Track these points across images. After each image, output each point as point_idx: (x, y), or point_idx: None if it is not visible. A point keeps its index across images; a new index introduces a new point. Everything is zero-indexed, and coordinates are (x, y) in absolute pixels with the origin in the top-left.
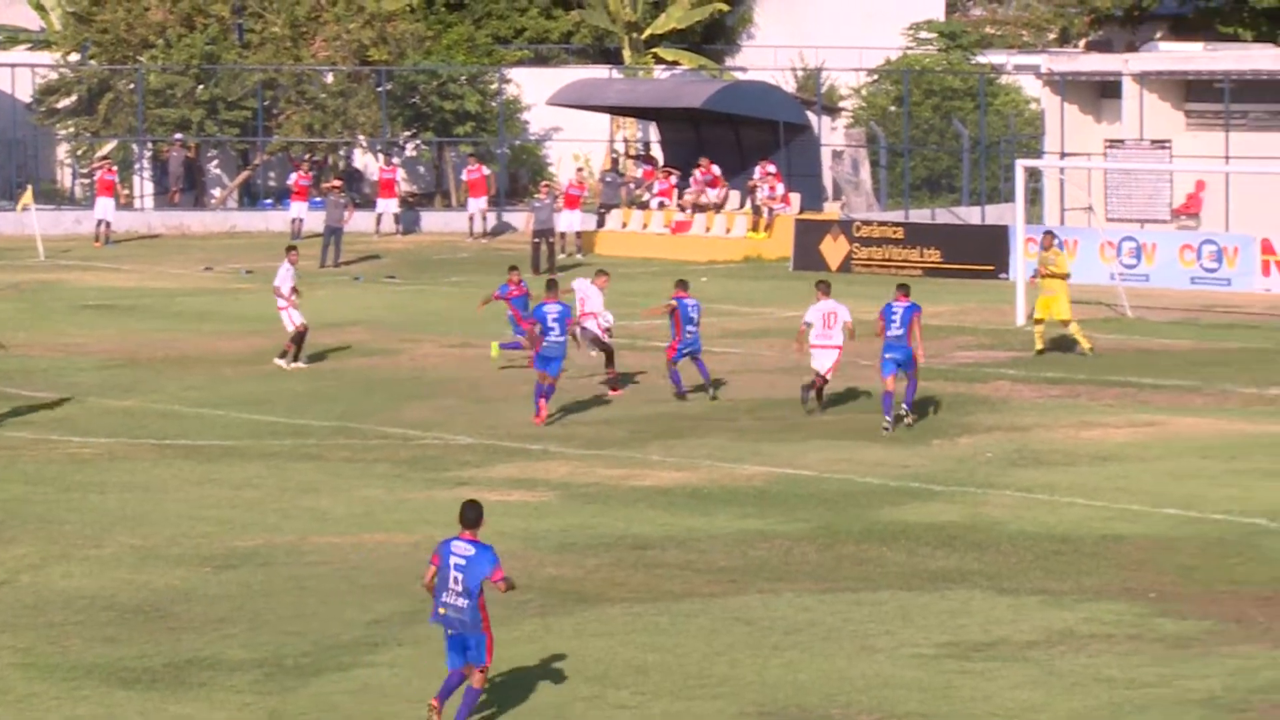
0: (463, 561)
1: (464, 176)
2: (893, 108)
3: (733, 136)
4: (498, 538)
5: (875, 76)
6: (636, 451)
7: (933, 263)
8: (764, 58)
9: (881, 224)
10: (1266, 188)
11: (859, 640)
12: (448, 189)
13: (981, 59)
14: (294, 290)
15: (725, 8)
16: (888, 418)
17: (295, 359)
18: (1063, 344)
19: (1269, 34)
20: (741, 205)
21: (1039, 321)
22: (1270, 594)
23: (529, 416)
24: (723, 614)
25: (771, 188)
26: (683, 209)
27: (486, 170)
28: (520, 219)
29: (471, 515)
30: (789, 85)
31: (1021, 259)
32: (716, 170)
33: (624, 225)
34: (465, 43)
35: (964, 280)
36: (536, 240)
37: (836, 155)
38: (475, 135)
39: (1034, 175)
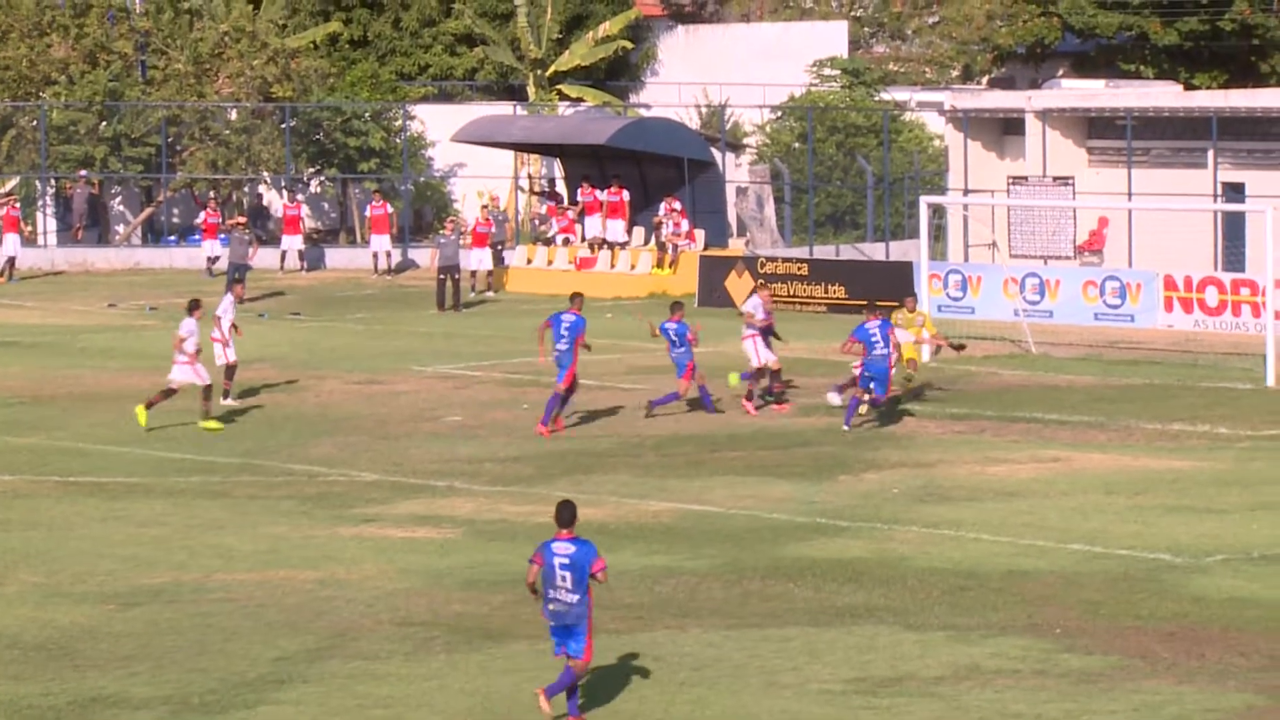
0: (567, 560)
1: (367, 213)
2: (797, 144)
3: (637, 173)
4: (402, 575)
5: (779, 113)
6: (543, 488)
7: (837, 299)
8: (668, 94)
9: (786, 260)
10: (1168, 224)
11: (766, 676)
12: (352, 226)
13: (885, 95)
14: (233, 326)
15: (629, 45)
16: (849, 422)
17: (225, 395)
18: (959, 380)
19: (1170, 71)
20: (646, 242)
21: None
22: (1174, 629)
23: (434, 453)
24: (630, 650)
25: (676, 224)
26: (591, 248)
27: (390, 207)
28: (425, 255)
29: (566, 515)
30: (693, 122)
31: (926, 295)
32: (625, 196)
33: (529, 261)
34: (369, 79)
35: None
36: (442, 277)
37: (741, 192)
38: (379, 172)
39: (938, 212)
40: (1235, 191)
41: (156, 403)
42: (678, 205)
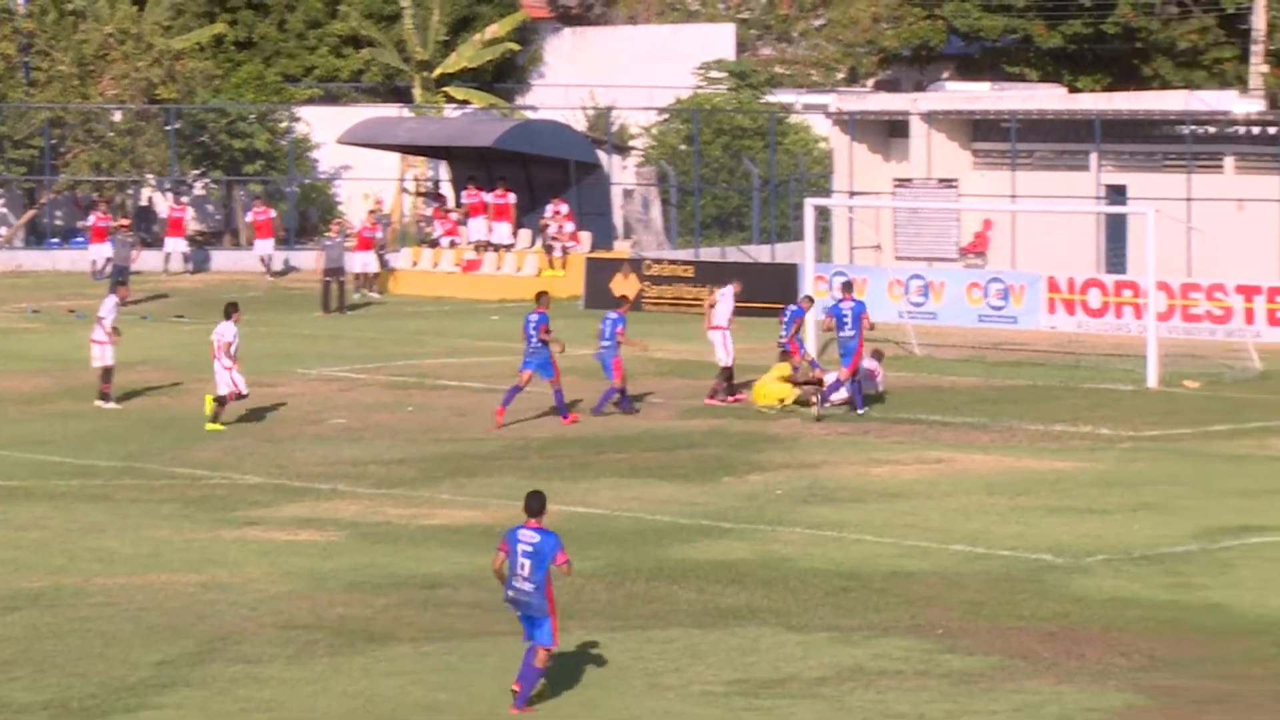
0: (530, 548)
1: (249, 218)
2: (683, 146)
3: (524, 175)
4: (284, 578)
5: (666, 115)
6: (427, 490)
7: None
8: (555, 97)
9: (672, 262)
10: (1052, 226)
11: (649, 678)
12: (237, 228)
13: (771, 98)
14: (115, 329)
15: (516, 47)
16: (822, 406)
17: (105, 399)
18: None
19: (1054, 74)
20: (533, 244)
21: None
22: (1055, 629)
23: (318, 455)
24: (514, 653)
25: (560, 226)
26: (476, 250)
27: (273, 212)
28: (310, 258)
29: (535, 505)
30: (580, 124)
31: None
32: (511, 199)
33: (414, 264)
34: (255, 81)
35: (754, 318)
36: (327, 279)
37: (627, 194)
38: (265, 174)
39: (823, 214)
40: (1117, 194)
41: (219, 413)
42: (564, 208)
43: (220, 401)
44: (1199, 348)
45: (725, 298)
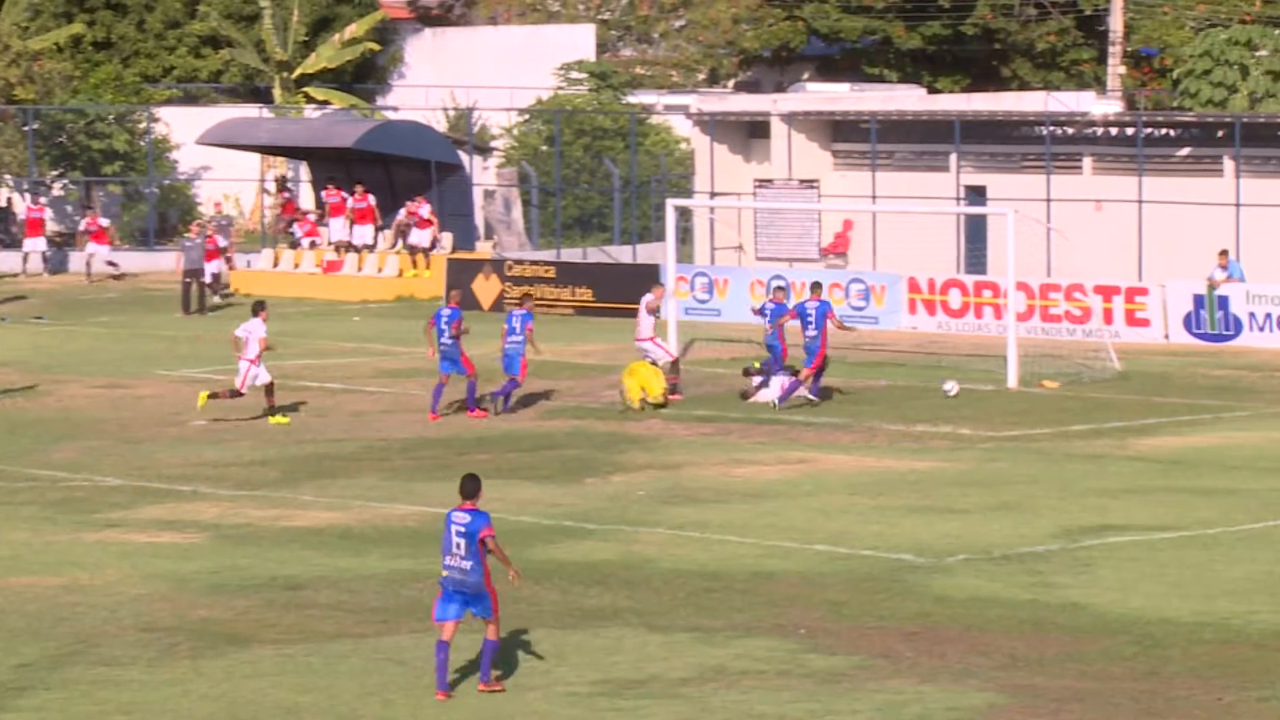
0: (462, 528)
1: (82, 227)
2: (544, 147)
3: (385, 176)
4: (145, 580)
5: (526, 116)
6: (289, 492)
7: (584, 301)
8: (415, 97)
9: (534, 263)
10: (912, 227)
11: (513, 679)
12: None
13: (632, 99)
14: None
15: (376, 47)
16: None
17: None
18: (705, 382)
19: (914, 75)
20: (393, 245)
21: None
22: (917, 629)
23: (179, 457)
24: (375, 654)
25: (421, 225)
26: (337, 250)
27: (104, 221)
28: (170, 259)
29: (470, 487)
30: (440, 125)
31: (673, 298)
32: (371, 201)
33: (275, 264)
34: (113, 81)
35: (616, 319)
36: (187, 280)
37: (488, 195)
38: (124, 175)
39: (685, 214)
40: (977, 195)
41: (223, 396)
42: (424, 210)
43: (226, 395)
44: (1058, 348)
45: (642, 310)
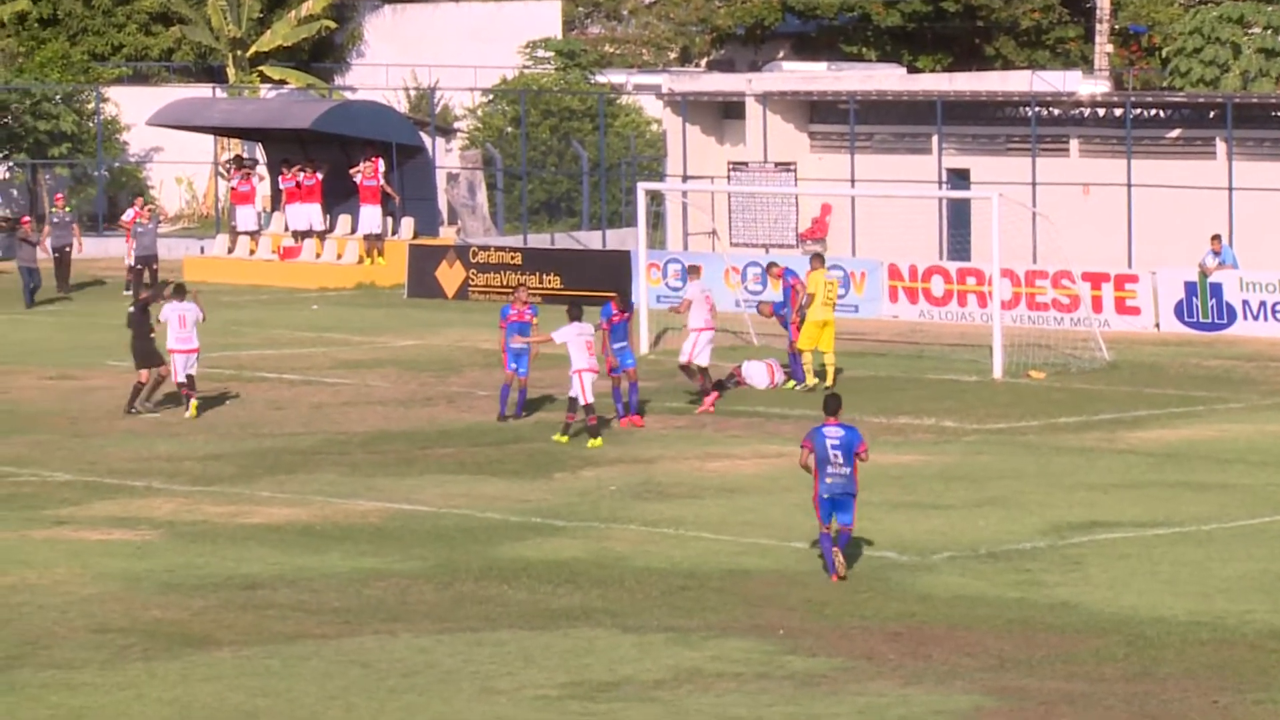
0: (837, 441)
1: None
2: (509, 129)
3: (343, 158)
4: (96, 579)
5: (491, 96)
6: (245, 487)
7: (553, 289)
8: (375, 76)
9: (499, 249)
10: (893, 211)
11: (480, 682)
12: (43, 213)
13: (601, 79)
14: None
15: (334, 25)
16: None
17: None
18: (678, 374)
19: (893, 53)
20: (353, 230)
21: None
22: (900, 629)
23: (130, 451)
24: (337, 656)
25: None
26: (295, 237)
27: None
28: (120, 245)
29: (834, 405)
30: (401, 105)
31: (645, 284)
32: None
33: (230, 251)
34: (60, 60)
35: (585, 307)
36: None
37: (452, 178)
38: (72, 157)
39: (656, 198)
40: (960, 178)
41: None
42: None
43: (186, 392)
44: (1045, 337)
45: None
